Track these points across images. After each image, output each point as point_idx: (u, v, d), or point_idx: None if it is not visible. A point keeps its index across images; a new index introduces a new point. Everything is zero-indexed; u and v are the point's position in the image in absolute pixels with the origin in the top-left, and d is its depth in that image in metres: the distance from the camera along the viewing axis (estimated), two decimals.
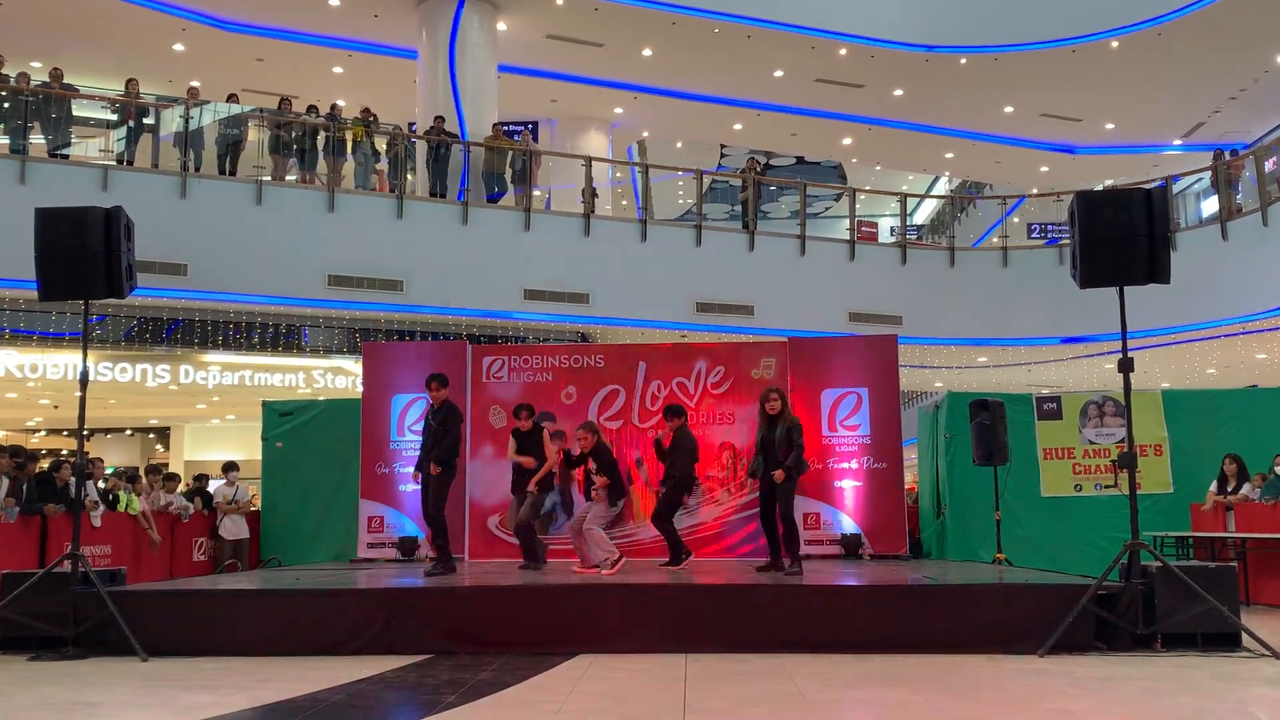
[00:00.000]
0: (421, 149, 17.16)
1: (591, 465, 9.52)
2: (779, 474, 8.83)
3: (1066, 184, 24.07)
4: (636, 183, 23.07)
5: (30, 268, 7.50)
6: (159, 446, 26.18)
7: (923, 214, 31.73)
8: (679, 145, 26.88)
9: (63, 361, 15.53)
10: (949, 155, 26.11)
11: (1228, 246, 16.69)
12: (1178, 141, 24.43)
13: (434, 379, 9.58)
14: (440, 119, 17.27)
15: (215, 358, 16.32)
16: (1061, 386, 21.49)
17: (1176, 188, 18.76)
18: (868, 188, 27.41)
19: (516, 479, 10.16)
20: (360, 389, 12.70)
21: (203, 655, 6.88)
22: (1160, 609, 6.79)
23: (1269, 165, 16.77)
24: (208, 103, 16.07)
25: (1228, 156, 18.04)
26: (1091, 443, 12.25)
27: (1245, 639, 6.76)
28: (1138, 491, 7.37)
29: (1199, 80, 21.33)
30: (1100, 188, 21.23)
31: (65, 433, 24.70)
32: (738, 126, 24.44)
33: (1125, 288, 7.33)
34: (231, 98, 16.70)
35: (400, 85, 20.06)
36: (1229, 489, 11.19)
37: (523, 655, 6.77)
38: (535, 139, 22.40)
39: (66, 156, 14.80)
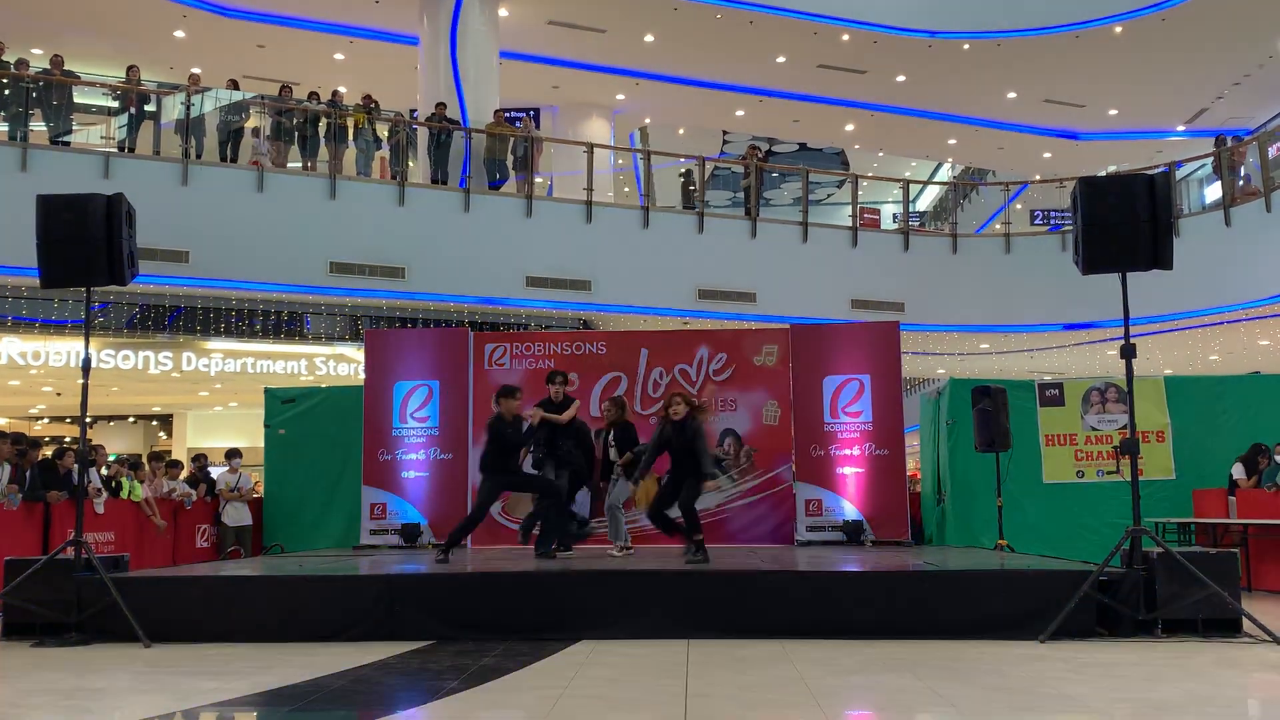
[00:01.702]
0: (423, 136, 17.13)
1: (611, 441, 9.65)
2: (712, 485, 8.94)
3: (1069, 170, 24.02)
4: (639, 169, 23.02)
5: (32, 255, 7.50)
6: (161, 434, 26.21)
7: (925, 200, 31.67)
8: (681, 132, 26.82)
9: (65, 349, 15.52)
10: (952, 141, 26.04)
11: (1231, 233, 16.65)
12: (1181, 127, 24.37)
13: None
14: (442, 105, 17.24)
15: (217, 345, 16.32)
16: (1064, 373, 21.50)
17: (1180, 174, 18.72)
18: (870, 174, 27.35)
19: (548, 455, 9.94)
20: (362, 376, 12.70)
21: (206, 641, 6.90)
22: (1162, 595, 6.80)
23: (1272, 151, 16.72)
24: (209, 89, 16.04)
25: (1230, 142, 17.97)
26: (1094, 429, 12.24)
27: (1246, 624, 6.77)
28: (1140, 478, 7.37)
29: (1202, 66, 21.27)
30: (1103, 174, 21.20)
31: (68, 420, 24.71)
32: (740, 113, 24.38)
33: (1128, 274, 7.32)
34: (232, 84, 16.66)
35: (401, 72, 20.02)
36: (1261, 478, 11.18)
37: (525, 641, 6.79)
38: (537, 126, 22.37)
39: (68, 144, 14.78)
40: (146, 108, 15.51)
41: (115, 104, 15.80)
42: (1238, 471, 11.26)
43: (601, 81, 22.33)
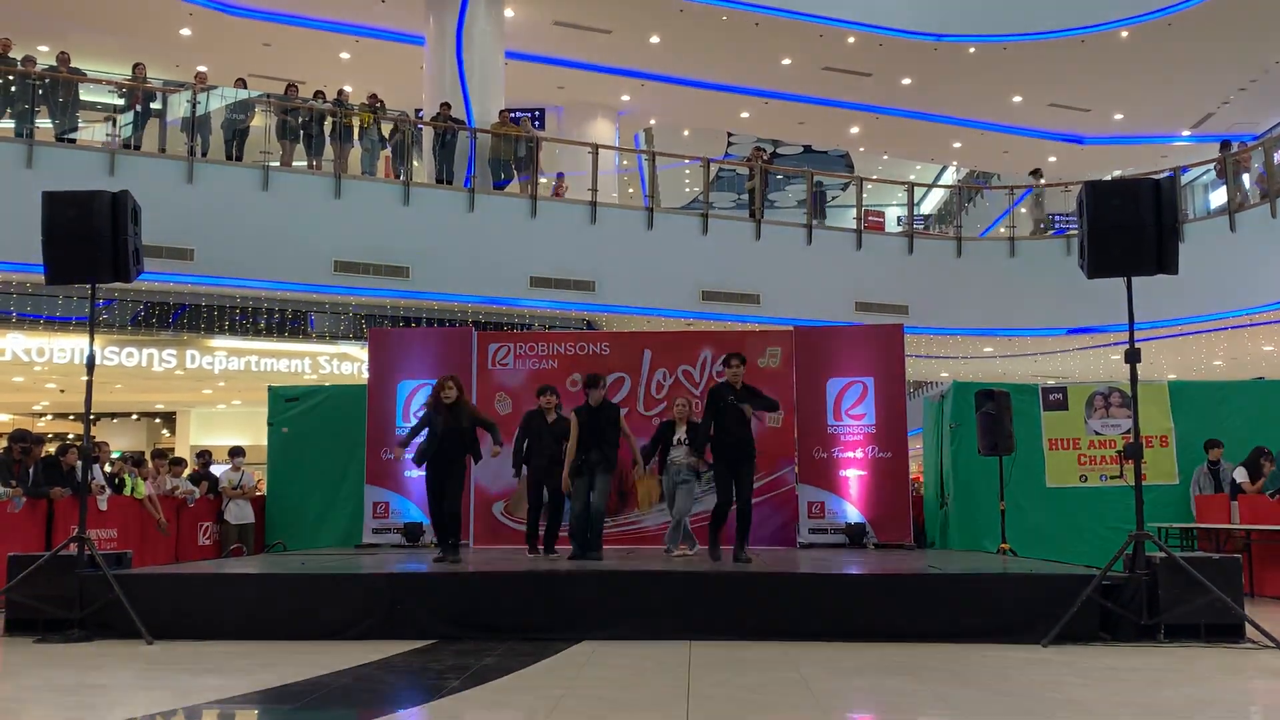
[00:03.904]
0: (428, 135, 17.14)
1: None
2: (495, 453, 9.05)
3: (1075, 174, 24.00)
4: (643, 171, 23.02)
5: (37, 251, 7.51)
6: (165, 431, 26.24)
7: (930, 203, 31.66)
8: (686, 133, 26.82)
9: (69, 345, 15.55)
10: (957, 145, 26.04)
11: (1236, 238, 16.64)
12: (1186, 133, 24.35)
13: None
14: (447, 105, 17.25)
15: (221, 343, 16.34)
16: (1068, 377, 21.47)
17: (1184, 179, 18.71)
18: (875, 177, 27.34)
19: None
20: (366, 375, 12.71)
21: (208, 639, 6.90)
22: (1164, 600, 6.79)
23: (1278, 156, 16.69)
24: (215, 88, 16.06)
25: (1235, 148, 17.94)
26: (1097, 433, 12.22)
27: (1249, 630, 6.76)
28: (1143, 483, 7.36)
29: (1208, 71, 21.26)
30: (1109, 178, 21.18)
31: (71, 417, 24.75)
32: (745, 115, 24.37)
33: (1133, 278, 7.31)
34: (239, 83, 16.68)
35: (407, 71, 20.04)
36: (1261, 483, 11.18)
37: (527, 641, 6.78)
38: (542, 126, 22.39)
39: (73, 140, 14.80)
40: (152, 105, 15.53)
41: (121, 101, 15.82)
42: (1240, 475, 11.25)
43: (607, 82, 22.34)
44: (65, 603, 7.06)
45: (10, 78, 14.80)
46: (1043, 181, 22.38)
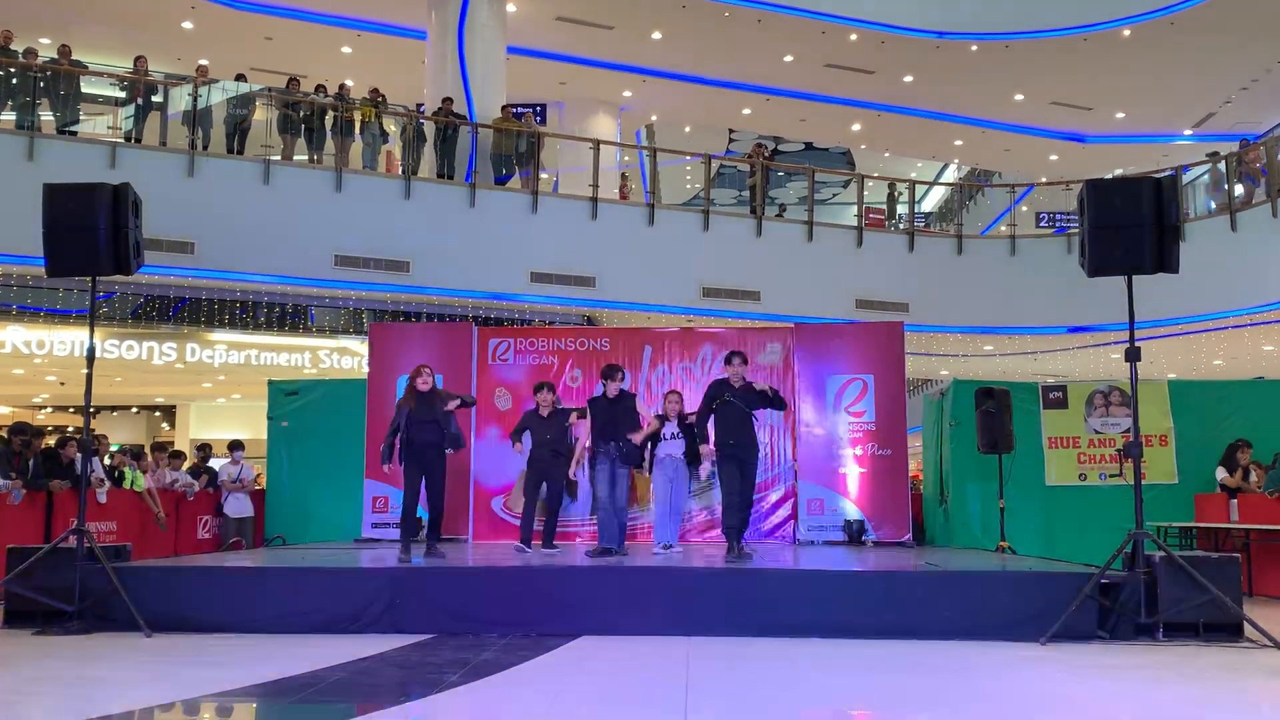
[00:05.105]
0: (429, 130, 17.14)
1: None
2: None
3: (1076, 173, 23.98)
4: (644, 167, 23.01)
5: (38, 244, 7.50)
6: (164, 425, 26.23)
7: (931, 201, 31.63)
8: (687, 130, 26.80)
9: (69, 338, 15.54)
10: (958, 143, 26.02)
11: (1237, 237, 16.62)
12: (1188, 132, 24.34)
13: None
14: (448, 100, 17.23)
15: (221, 336, 16.34)
16: (1068, 376, 21.47)
17: (1186, 178, 18.68)
18: (876, 174, 27.32)
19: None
20: (366, 369, 12.70)
21: (206, 632, 6.91)
22: (1163, 599, 6.80)
23: None
24: (216, 81, 16.05)
25: (1244, 145, 17.90)
26: (1097, 432, 12.22)
27: (1247, 629, 6.77)
28: (1142, 482, 7.36)
29: (1210, 70, 21.24)
30: (1110, 177, 21.15)
31: (71, 409, 24.74)
32: (747, 111, 24.36)
33: (1133, 277, 7.31)
34: (240, 77, 16.68)
35: (409, 66, 20.03)
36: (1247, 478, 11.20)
37: (525, 636, 6.80)
38: (544, 122, 22.36)
39: (74, 133, 14.79)
40: (154, 98, 15.52)
41: (122, 94, 15.81)
42: (1220, 474, 11.29)
43: (608, 78, 22.32)
44: (64, 595, 7.07)
45: (12, 70, 14.78)
46: (1044, 180, 22.36)
